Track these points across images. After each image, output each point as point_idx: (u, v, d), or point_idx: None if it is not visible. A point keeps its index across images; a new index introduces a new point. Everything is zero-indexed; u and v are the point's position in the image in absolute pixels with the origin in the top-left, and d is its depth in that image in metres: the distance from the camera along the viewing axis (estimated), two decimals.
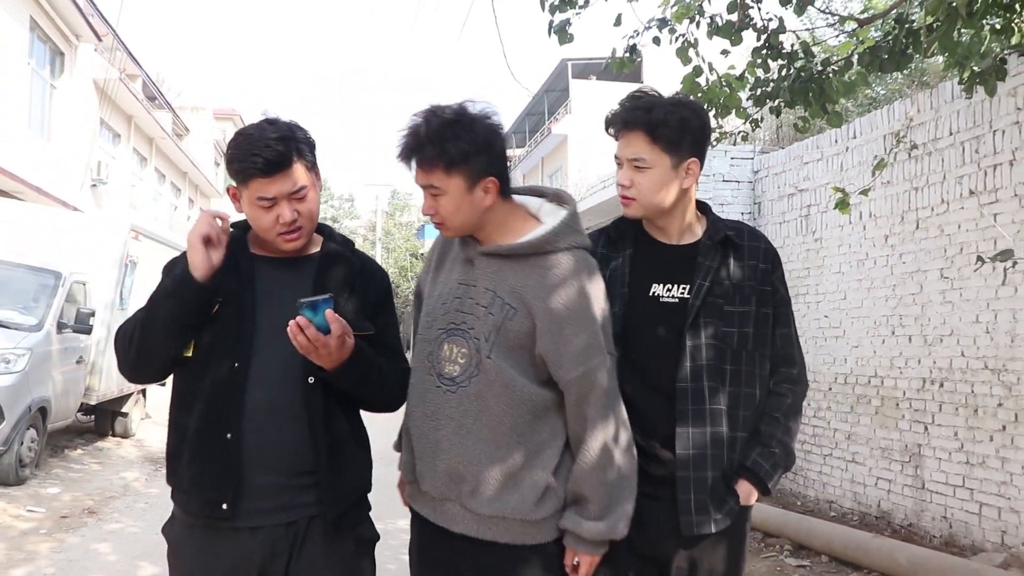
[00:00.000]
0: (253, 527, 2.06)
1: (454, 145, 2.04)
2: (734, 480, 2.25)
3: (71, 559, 5.64)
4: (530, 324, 2.07)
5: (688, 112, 2.22)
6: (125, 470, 9.33)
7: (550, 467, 2.10)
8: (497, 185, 2.11)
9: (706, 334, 2.23)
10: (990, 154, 5.85)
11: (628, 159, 2.23)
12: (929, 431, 6.41)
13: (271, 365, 2.08)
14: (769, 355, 2.32)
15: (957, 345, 6.13)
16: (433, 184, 2.08)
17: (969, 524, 5.96)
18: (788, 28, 5.39)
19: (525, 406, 2.08)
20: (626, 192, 2.26)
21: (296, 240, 2.14)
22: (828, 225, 7.79)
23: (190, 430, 2.09)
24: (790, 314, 2.37)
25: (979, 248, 5.88)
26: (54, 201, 14.34)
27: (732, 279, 2.28)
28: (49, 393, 8.32)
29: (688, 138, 2.21)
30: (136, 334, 2.11)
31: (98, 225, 11.41)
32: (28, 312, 8.51)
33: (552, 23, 5.28)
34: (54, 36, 15.70)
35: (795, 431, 2.35)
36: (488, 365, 2.07)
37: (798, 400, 2.36)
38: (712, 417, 2.21)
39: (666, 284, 2.28)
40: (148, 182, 23.33)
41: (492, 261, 2.13)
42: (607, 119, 2.30)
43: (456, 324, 2.13)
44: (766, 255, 2.32)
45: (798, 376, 2.36)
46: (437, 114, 2.08)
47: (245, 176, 2.08)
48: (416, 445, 2.18)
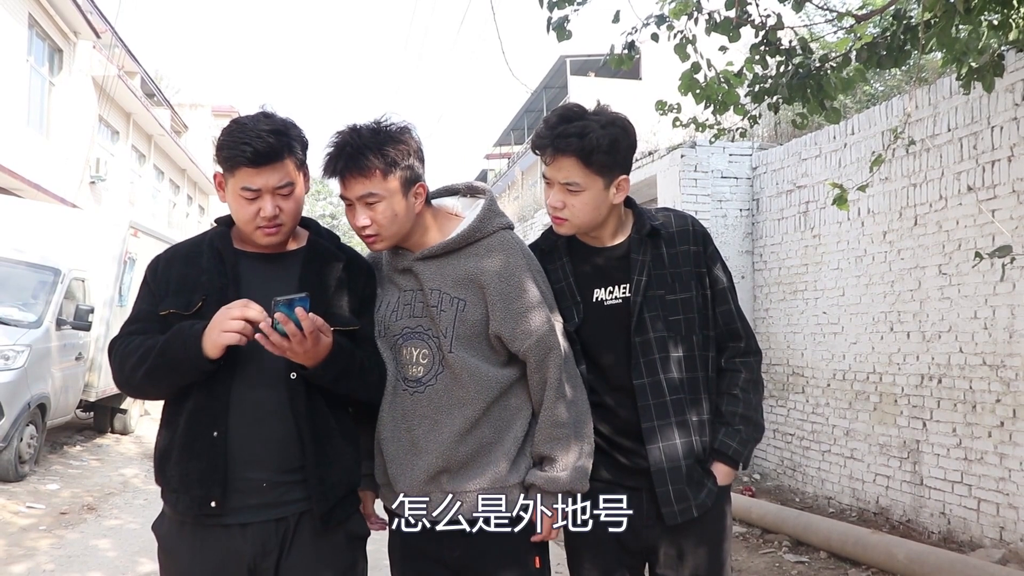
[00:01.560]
0: (243, 524, 2.06)
1: (393, 149, 2.14)
2: (708, 462, 2.31)
3: (70, 555, 5.65)
4: (482, 310, 2.18)
5: (618, 132, 2.22)
6: (124, 466, 9.35)
7: (520, 435, 2.20)
8: (425, 191, 2.24)
9: (654, 328, 2.27)
10: (988, 150, 5.85)
11: (560, 183, 2.24)
12: (927, 427, 6.41)
13: (256, 362, 2.07)
14: (714, 335, 2.35)
15: (955, 341, 6.13)
16: (372, 191, 2.14)
17: (967, 520, 5.97)
18: (786, 24, 5.38)
19: (492, 389, 2.17)
20: (558, 213, 2.27)
21: (274, 236, 2.13)
22: (826, 221, 7.79)
23: (179, 428, 2.09)
24: (727, 290, 2.38)
25: (977, 244, 5.88)
26: (53, 198, 14.33)
27: (668, 267, 2.31)
28: (48, 390, 8.32)
29: (619, 157, 2.23)
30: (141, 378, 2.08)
31: (97, 222, 11.42)
32: (27, 309, 8.52)
33: (551, 20, 5.28)
34: (53, 33, 15.68)
35: (757, 402, 2.37)
36: (452, 359, 2.16)
37: (753, 371, 2.38)
38: (674, 408, 2.26)
39: (607, 287, 2.32)
40: (147, 179, 23.33)
41: (430, 263, 2.23)
42: (534, 141, 2.29)
43: (412, 328, 2.21)
44: (695, 237, 2.35)
45: (746, 348, 2.39)
46: (363, 127, 2.17)
47: (232, 164, 2.07)
48: (387, 448, 2.22)
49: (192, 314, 2.09)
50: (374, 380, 2.20)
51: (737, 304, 2.40)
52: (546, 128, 2.25)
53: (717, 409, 2.35)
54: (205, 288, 2.11)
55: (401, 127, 2.18)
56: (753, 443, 2.35)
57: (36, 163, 14.34)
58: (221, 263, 2.14)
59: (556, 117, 2.25)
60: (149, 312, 2.15)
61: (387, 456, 2.22)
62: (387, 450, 2.22)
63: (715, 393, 2.36)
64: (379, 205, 2.15)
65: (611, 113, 2.28)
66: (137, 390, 2.17)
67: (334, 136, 2.18)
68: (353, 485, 2.21)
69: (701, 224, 2.41)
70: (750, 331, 2.42)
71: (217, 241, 2.18)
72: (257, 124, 2.08)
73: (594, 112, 2.26)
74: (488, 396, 2.17)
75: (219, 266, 2.14)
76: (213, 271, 2.13)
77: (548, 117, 2.28)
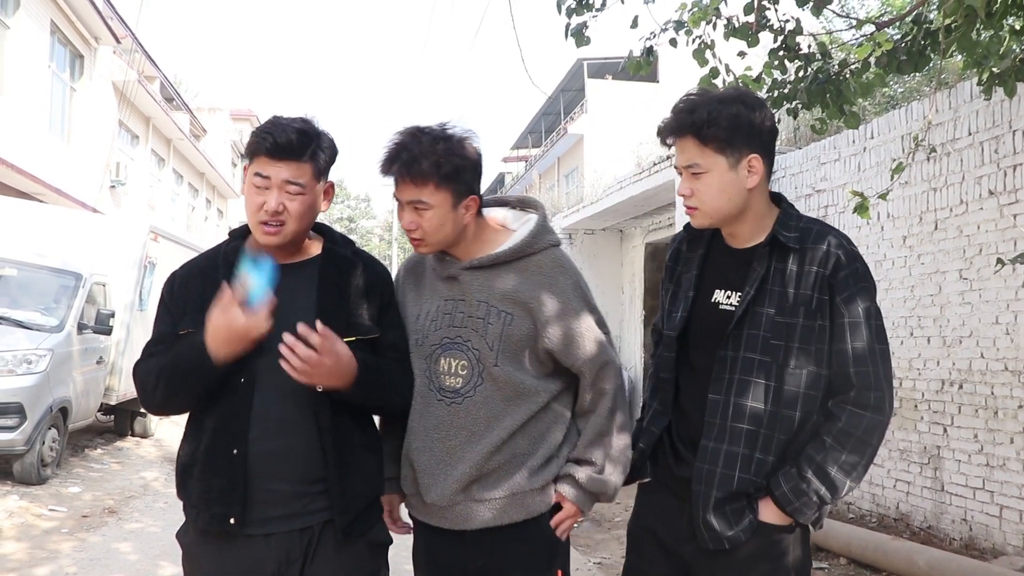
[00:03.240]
0: (266, 534, 2.07)
1: (447, 161, 2.12)
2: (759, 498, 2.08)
3: (92, 558, 5.70)
4: (529, 324, 2.17)
5: (738, 107, 2.04)
6: (145, 470, 9.41)
7: (554, 444, 2.21)
8: (477, 204, 2.21)
9: (747, 347, 2.07)
10: (1010, 154, 5.81)
11: (684, 167, 2.10)
12: (948, 433, 6.37)
13: (278, 374, 2.05)
14: (826, 374, 2.05)
15: (976, 347, 6.09)
16: (422, 199, 2.14)
17: (990, 527, 5.93)
18: (805, 30, 5.37)
19: (534, 402, 2.18)
20: (688, 202, 2.13)
21: (273, 236, 2.10)
22: (846, 226, 7.74)
23: (201, 445, 2.10)
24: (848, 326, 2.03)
25: (999, 249, 5.83)
26: (74, 203, 14.48)
27: (789, 286, 2.06)
28: (70, 393, 8.40)
29: (741, 133, 2.04)
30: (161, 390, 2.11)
31: (118, 227, 11.52)
32: (49, 313, 8.61)
33: (569, 26, 5.28)
34: (74, 39, 15.85)
35: (844, 458, 2.01)
36: (497, 373, 2.15)
37: (855, 424, 2.01)
38: (731, 435, 2.07)
39: (726, 290, 2.16)
40: (166, 183, 23.51)
41: (477, 273, 2.21)
42: (659, 129, 2.17)
43: (451, 338, 2.19)
44: (825, 258, 2.04)
45: (857, 398, 2.02)
46: (426, 132, 2.16)
47: (254, 151, 2.10)
48: (419, 458, 2.21)
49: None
50: (403, 390, 2.21)
51: (865, 347, 2.03)
52: (670, 114, 2.14)
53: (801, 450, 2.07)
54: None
55: (462, 138, 2.17)
56: (815, 499, 2.02)
57: (57, 168, 14.48)
58: (235, 276, 2.13)
59: (680, 101, 2.12)
60: (168, 333, 2.17)
61: (418, 467, 2.20)
62: (418, 460, 2.20)
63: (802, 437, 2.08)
64: (427, 213, 2.14)
65: (737, 90, 2.16)
66: (162, 406, 2.19)
67: (396, 134, 2.17)
68: (376, 495, 2.22)
69: (848, 249, 2.07)
70: (871, 383, 2.02)
71: (231, 256, 2.18)
72: (291, 121, 2.11)
73: (722, 93, 2.13)
74: (530, 409, 2.17)
75: (233, 279, 2.12)
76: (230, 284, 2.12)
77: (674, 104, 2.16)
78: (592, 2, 5.21)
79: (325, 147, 2.15)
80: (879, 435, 2.04)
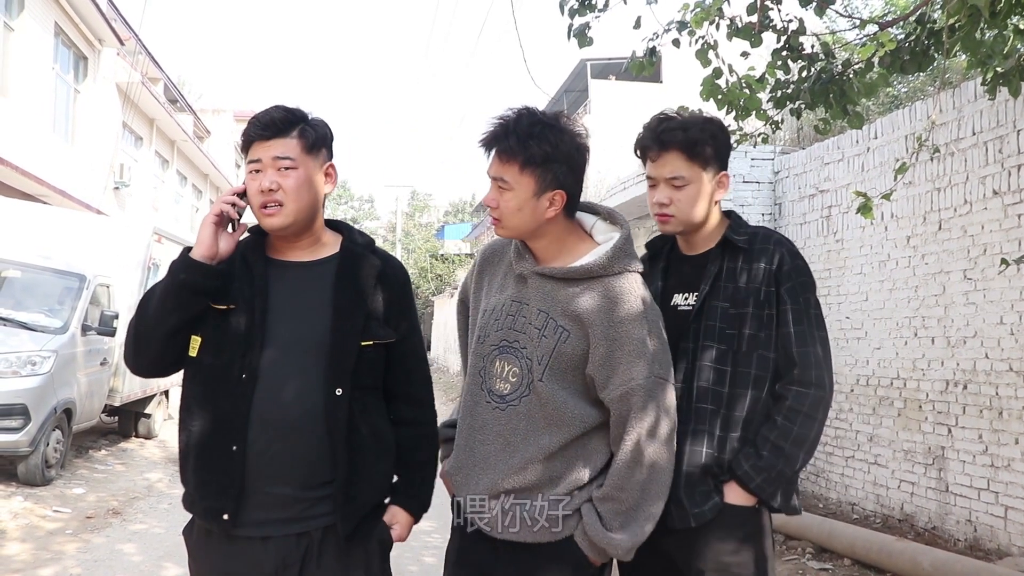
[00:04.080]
0: (264, 537, 2.06)
1: (537, 144, 2.07)
2: (724, 479, 2.25)
3: (97, 559, 5.71)
4: (583, 346, 2.09)
5: (716, 128, 2.34)
6: (149, 471, 9.43)
7: (593, 472, 2.13)
8: (564, 200, 2.13)
9: (705, 337, 2.28)
10: (1014, 154, 5.79)
11: (666, 178, 2.31)
12: (953, 433, 6.35)
13: (285, 376, 2.05)
14: (773, 357, 2.27)
15: (981, 347, 6.07)
16: (504, 177, 2.09)
17: (994, 528, 5.91)
18: (808, 30, 5.36)
19: (574, 427, 2.11)
20: (665, 210, 2.32)
21: (272, 216, 2.09)
22: (849, 226, 7.74)
23: (194, 435, 2.09)
24: (790, 311, 2.26)
25: (1003, 249, 5.82)
26: (78, 204, 14.50)
27: (739, 282, 2.30)
28: (74, 395, 8.42)
29: (720, 153, 2.33)
30: (133, 317, 2.12)
31: (122, 228, 11.55)
32: (53, 315, 8.63)
33: (571, 27, 5.28)
34: (78, 41, 15.88)
35: (794, 433, 2.21)
36: (540, 388, 2.10)
37: (800, 401, 2.23)
38: (697, 415, 2.24)
39: (683, 293, 2.37)
40: (170, 184, 23.54)
41: (546, 282, 2.15)
42: (638, 144, 2.38)
43: (509, 342, 2.15)
44: (772, 255, 2.28)
45: (800, 377, 2.24)
46: (532, 112, 2.11)
47: (247, 140, 2.12)
48: (457, 454, 2.22)
49: (222, 310, 2.09)
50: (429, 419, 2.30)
51: (805, 331, 2.26)
52: (647, 130, 2.35)
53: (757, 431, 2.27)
54: (235, 295, 2.10)
55: (566, 128, 2.11)
56: (774, 474, 2.21)
57: (62, 169, 14.51)
58: (250, 272, 2.13)
59: (655, 120, 2.35)
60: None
61: (455, 462, 2.22)
62: (456, 456, 2.22)
63: (759, 415, 2.27)
64: (508, 193, 2.10)
65: (706, 115, 2.42)
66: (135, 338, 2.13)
67: (506, 109, 2.14)
68: (381, 499, 2.20)
69: (790, 247, 2.33)
70: (811, 362, 2.25)
71: (247, 250, 2.17)
72: (278, 107, 2.14)
73: (688, 114, 2.39)
74: (570, 433, 2.10)
75: (248, 275, 2.13)
76: (243, 279, 2.12)
77: (647, 121, 2.38)
78: (595, 3, 5.21)
79: (313, 124, 2.15)
80: (823, 410, 2.27)
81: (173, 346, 2.09)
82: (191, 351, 2.10)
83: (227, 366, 2.06)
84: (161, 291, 2.07)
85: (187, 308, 2.05)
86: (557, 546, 2.11)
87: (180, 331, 2.07)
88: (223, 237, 2.10)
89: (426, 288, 36.93)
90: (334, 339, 2.09)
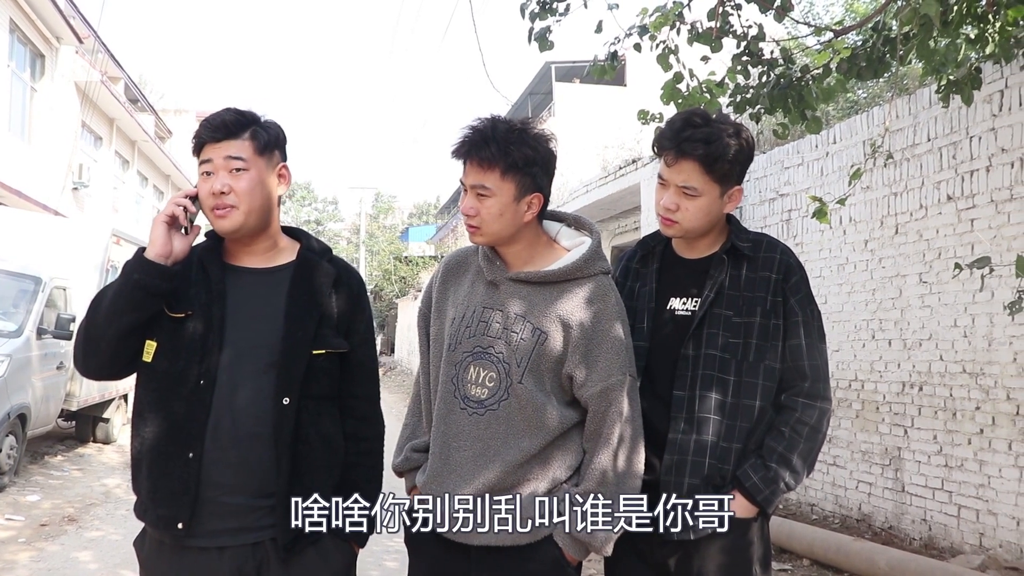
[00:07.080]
0: (220, 547, 2.03)
1: (518, 150, 2.09)
2: (727, 490, 2.21)
3: (51, 568, 5.60)
4: (561, 347, 2.12)
5: (742, 142, 2.23)
6: (106, 476, 9.27)
7: (563, 475, 2.14)
8: (540, 203, 2.16)
9: (708, 345, 2.24)
10: (967, 160, 5.91)
11: (678, 185, 2.24)
12: (909, 434, 6.45)
13: (240, 383, 2.03)
14: (779, 368, 2.25)
15: (936, 349, 6.18)
16: (485, 184, 2.10)
17: (948, 527, 6.01)
18: (768, 36, 5.41)
19: (552, 428, 2.12)
20: (671, 215, 2.27)
21: (224, 219, 2.07)
22: (809, 230, 7.83)
23: (148, 442, 2.06)
24: (801, 324, 2.26)
25: (957, 253, 5.93)
26: (35, 205, 14.24)
27: (743, 290, 2.26)
28: (29, 399, 8.26)
29: (738, 168, 2.25)
30: (84, 318, 2.07)
31: (79, 230, 11.36)
32: (7, 318, 8.46)
33: (532, 30, 5.29)
34: (34, 38, 15.59)
35: (801, 447, 2.22)
36: (520, 390, 2.10)
37: (808, 415, 2.23)
38: (699, 424, 2.21)
39: (681, 297, 2.32)
40: (130, 185, 23.21)
41: (521, 286, 2.17)
42: (657, 141, 2.30)
43: (483, 348, 2.15)
44: (779, 265, 2.27)
45: (810, 390, 2.24)
46: (504, 121, 2.13)
47: (198, 143, 2.10)
48: (432, 463, 2.18)
49: (179, 317, 2.06)
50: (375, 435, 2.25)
51: (815, 344, 2.27)
52: (671, 130, 2.25)
53: (761, 442, 2.25)
54: (192, 302, 2.08)
55: (539, 133, 2.15)
56: (780, 486, 2.21)
57: (18, 170, 14.23)
58: (207, 278, 2.11)
59: (681, 121, 2.25)
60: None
61: (429, 471, 2.18)
62: (431, 465, 2.18)
63: (762, 426, 2.25)
64: (488, 200, 2.10)
65: (736, 123, 2.29)
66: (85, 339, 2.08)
67: (475, 119, 2.14)
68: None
69: (795, 257, 2.34)
70: (821, 375, 2.26)
71: (204, 255, 2.15)
72: (228, 110, 2.12)
73: (719, 120, 2.25)
74: (548, 435, 2.12)
75: (205, 280, 2.11)
76: (200, 284, 2.10)
77: (673, 120, 2.29)
78: (555, 7, 5.22)
79: (266, 126, 2.14)
80: (827, 423, 2.28)
81: (125, 349, 2.05)
82: (145, 356, 2.07)
83: (184, 371, 2.03)
84: (114, 291, 2.03)
85: (140, 309, 2.01)
86: (535, 547, 2.11)
87: (133, 333, 2.04)
88: (177, 238, 2.06)
89: (390, 290, 36.79)
90: (284, 347, 2.07)
